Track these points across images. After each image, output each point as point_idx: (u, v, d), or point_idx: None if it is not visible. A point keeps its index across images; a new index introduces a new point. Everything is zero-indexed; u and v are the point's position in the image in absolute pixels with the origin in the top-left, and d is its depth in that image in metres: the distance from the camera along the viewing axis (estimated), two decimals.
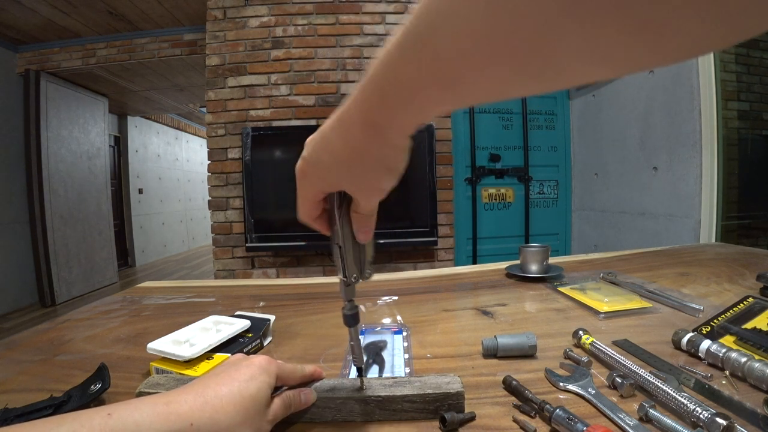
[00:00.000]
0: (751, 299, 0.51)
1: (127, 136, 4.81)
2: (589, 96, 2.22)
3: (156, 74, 3.30)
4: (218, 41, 2.20)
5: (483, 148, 2.34)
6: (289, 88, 2.20)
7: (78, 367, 0.44)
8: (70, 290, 3.34)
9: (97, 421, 0.22)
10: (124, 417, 0.22)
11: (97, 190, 3.77)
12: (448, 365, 0.42)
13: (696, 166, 1.54)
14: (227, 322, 0.49)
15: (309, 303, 0.66)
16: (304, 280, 0.84)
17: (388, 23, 2.24)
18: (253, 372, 0.28)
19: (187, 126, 6.36)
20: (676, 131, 1.63)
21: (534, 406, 0.32)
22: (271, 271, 2.24)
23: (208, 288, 0.79)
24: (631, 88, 1.87)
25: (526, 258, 0.74)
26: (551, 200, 2.43)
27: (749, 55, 1.63)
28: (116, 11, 2.60)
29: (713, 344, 0.38)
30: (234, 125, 2.19)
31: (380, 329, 0.52)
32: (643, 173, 1.83)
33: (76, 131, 3.46)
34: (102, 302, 0.71)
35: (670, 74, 1.63)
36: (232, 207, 2.20)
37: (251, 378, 0.28)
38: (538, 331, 0.47)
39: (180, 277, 4.40)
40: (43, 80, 3.06)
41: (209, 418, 0.24)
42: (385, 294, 0.69)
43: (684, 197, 1.61)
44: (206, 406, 0.25)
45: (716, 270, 0.75)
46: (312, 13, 2.21)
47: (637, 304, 0.56)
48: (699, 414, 0.28)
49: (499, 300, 0.63)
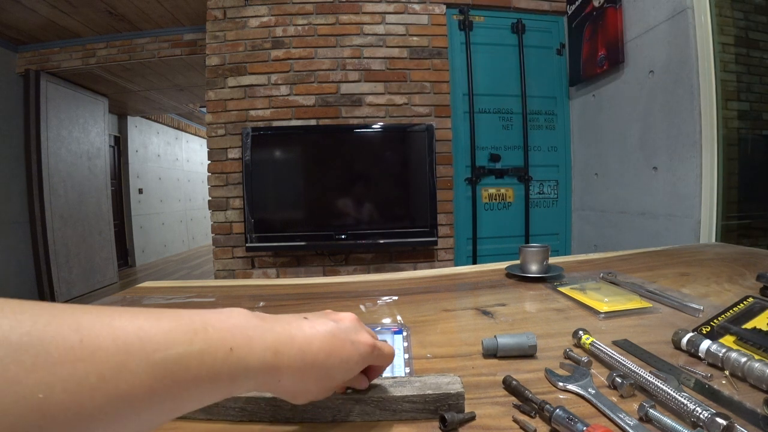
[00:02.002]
0: (751, 299, 0.51)
1: (127, 136, 4.81)
2: (589, 96, 2.22)
3: (156, 74, 3.30)
4: (218, 41, 2.20)
5: (483, 148, 2.34)
6: (289, 88, 2.20)
7: None
8: (70, 290, 3.34)
9: (221, 355, 0.21)
10: (245, 354, 0.22)
11: (97, 190, 3.77)
12: (448, 365, 0.42)
13: (696, 166, 1.54)
14: None
15: (309, 303, 0.66)
16: (304, 280, 0.84)
17: (388, 23, 2.24)
18: (361, 354, 0.28)
19: (187, 126, 6.36)
20: (676, 131, 1.63)
21: (534, 406, 0.32)
22: (271, 271, 2.24)
23: (208, 288, 0.79)
24: (631, 88, 1.87)
25: (526, 258, 0.74)
26: (551, 200, 2.43)
27: (749, 55, 1.63)
28: (116, 11, 2.60)
29: (713, 344, 0.38)
30: (234, 125, 2.19)
31: (380, 329, 0.52)
32: (643, 173, 1.83)
33: (76, 131, 3.46)
34: (102, 302, 0.71)
35: (670, 74, 1.64)
36: (232, 207, 2.20)
37: (347, 363, 0.27)
38: (538, 331, 0.47)
39: (180, 277, 4.40)
40: (43, 80, 3.06)
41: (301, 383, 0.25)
42: (385, 294, 0.69)
43: (684, 197, 1.61)
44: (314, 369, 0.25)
45: (716, 270, 0.75)
46: (312, 13, 2.21)
47: (637, 304, 0.56)
48: (699, 414, 0.28)
49: (499, 300, 0.63)
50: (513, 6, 2.34)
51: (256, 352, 0.22)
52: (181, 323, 0.20)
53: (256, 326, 0.23)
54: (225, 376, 0.21)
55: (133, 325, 0.19)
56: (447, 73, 2.27)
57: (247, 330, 0.23)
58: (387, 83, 2.23)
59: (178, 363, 0.19)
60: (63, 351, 0.16)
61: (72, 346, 0.16)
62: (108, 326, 0.18)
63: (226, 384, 0.21)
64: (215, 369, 0.20)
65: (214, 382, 0.21)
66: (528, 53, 2.35)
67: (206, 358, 0.20)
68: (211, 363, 0.20)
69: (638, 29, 1.80)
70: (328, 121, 2.21)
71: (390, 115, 2.24)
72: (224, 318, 0.23)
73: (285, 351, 0.24)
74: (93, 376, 0.16)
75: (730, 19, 1.60)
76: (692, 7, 1.53)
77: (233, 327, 0.22)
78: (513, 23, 2.34)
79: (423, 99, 2.25)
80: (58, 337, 0.16)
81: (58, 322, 0.17)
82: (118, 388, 0.17)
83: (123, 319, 0.19)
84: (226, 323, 0.22)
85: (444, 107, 2.27)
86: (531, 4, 2.35)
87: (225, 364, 0.21)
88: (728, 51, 1.58)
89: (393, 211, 2.19)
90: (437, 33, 2.26)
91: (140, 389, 0.18)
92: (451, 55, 2.30)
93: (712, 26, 1.52)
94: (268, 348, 0.23)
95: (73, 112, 3.43)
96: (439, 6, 2.27)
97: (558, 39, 2.40)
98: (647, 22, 1.74)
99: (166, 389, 0.19)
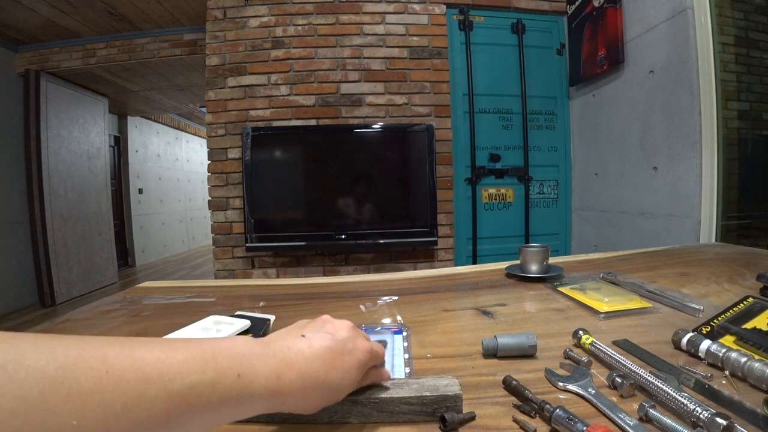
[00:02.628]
0: (751, 299, 0.51)
1: (127, 136, 4.81)
2: (589, 96, 2.22)
3: (156, 74, 3.30)
4: (218, 41, 2.20)
5: (483, 148, 2.33)
6: (289, 88, 2.20)
7: None
8: (70, 290, 3.34)
9: (229, 382, 0.22)
10: (251, 381, 0.24)
11: (97, 190, 3.77)
12: (448, 365, 0.42)
13: (696, 166, 1.54)
14: (227, 322, 0.49)
15: (309, 303, 0.66)
16: (304, 280, 0.84)
17: (388, 23, 2.24)
18: (353, 366, 0.29)
19: (187, 126, 6.36)
20: (676, 131, 1.63)
21: (534, 406, 0.32)
22: (271, 271, 2.24)
23: (208, 288, 0.79)
24: (631, 88, 1.87)
25: (526, 258, 0.74)
26: (551, 200, 2.43)
27: (749, 55, 1.63)
28: (116, 11, 2.60)
29: (713, 344, 0.38)
30: (234, 125, 2.19)
31: (380, 329, 0.52)
32: (643, 173, 1.83)
33: (76, 131, 3.46)
34: (102, 302, 0.71)
35: (670, 74, 1.63)
36: (232, 207, 2.20)
37: (349, 373, 0.28)
38: (538, 331, 0.47)
39: (180, 277, 4.40)
40: (43, 80, 3.06)
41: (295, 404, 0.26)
42: (385, 294, 0.69)
43: (684, 197, 1.61)
44: (308, 390, 0.26)
45: (716, 270, 0.75)
46: (312, 13, 2.21)
47: (637, 304, 0.56)
48: (699, 414, 0.28)
49: (499, 300, 0.63)
50: (513, 6, 2.34)
51: (260, 379, 0.24)
52: (194, 353, 0.22)
53: (259, 354, 0.25)
54: (233, 402, 0.23)
55: (151, 356, 0.20)
56: (447, 73, 2.27)
57: (252, 358, 0.24)
58: (387, 83, 2.23)
59: (192, 390, 0.21)
60: (93, 382, 0.18)
61: (100, 377, 0.18)
62: (129, 357, 0.20)
63: (233, 408, 0.23)
64: (225, 395, 0.22)
65: (222, 407, 0.22)
66: (528, 53, 2.35)
67: (217, 386, 0.22)
68: (221, 390, 0.22)
69: (638, 29, 1.80)
70: (328, 121, 2.21)
71: (390, 115, 2.24)
72: (230, 346, 0.24)
73: (286, 375, 0.25)
74: (118, 404, 0.18)
75: (730, 19, 1.60)
76: (692, 7, 1.53)
77: (239, 354, 0.24)
78: (513, 23, 2.34)
79: (423, 99, 2.25)
80: (87, 369, 0.18)
81: (87, 355, 0.19)
82: (139, 415, 0.19)
83: (142, 350, 0.21)
84: (232, 351, 0.24)
85: (444, 107, 2.27)
86: (531, 4, 2.35)
87: (233, 390, 0.23)
88: (728, 51, 1.58)
89: (393, 211, 2.19)
90: (437, 33, 2.26)
91: (158, 416, 0.19)
92: (451, 55, 2.30)
93: (712, 26, 1.52)
94: (270, 374, 0.25)
95: (73, 112, 3.43)
96: (439, 6, 2.27)
97: (558, 39, 2.40)
98: (647, 22, 1.74)
99: (180, 415, 0.20)
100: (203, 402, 0.21)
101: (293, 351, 0.27)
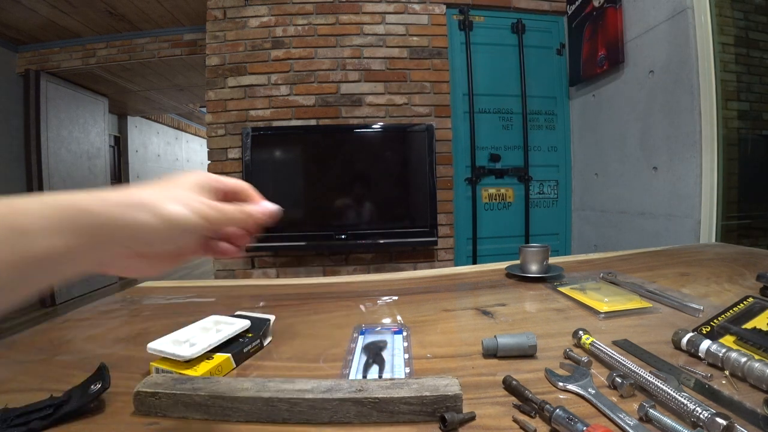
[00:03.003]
0: (751, 299, 0.51)
1: (127, 136, 4.81)
2: (589, 96, 2.22)
3: (156, 74, 3.30)
4: (218, 41, 2.20)
5: (483, 148, 2.33)
6: (289, 88, 2.20)
7: (78, 367, 0.43)
8: (69, 290, 3.34)
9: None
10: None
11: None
12: (448, 365, 0.42)
13: (696, 166, 1.54)
14: (227, 322, 0.49)
15: (309, 303, 0.66)
16: (304, 280, 0.84)
17: (388, 23, 2.24)
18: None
19: (187, 126, 6.35)
20: (676, 131, 1.62)
21: (534, 406, 0.32)
22: (271, 271, 2.24)
23: (208, 288, 0.79)
24: (631, 88, 1.87)
25: (526, 258, 0.74)
26: (551, 200, 2.43)
27: (749, 55, 1.63)
28: (116, 11, 2.60)
29: (713, 344, 0.38)
30: (234, 125, 2.19)
31: (380, 329, 0.52)
32: (643, 173, 1.83)
33: (76, 131, 3.46)
34: (102, 302, 0.71)
35: (670, 74, 1.63)
36: None
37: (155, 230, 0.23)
38: (538, 331, 0.47)
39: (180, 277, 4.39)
40: (43, 80, 3.06)
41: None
42: (385, 294, 0.69)
43: (684, 197, 1.61)
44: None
45: (716, 270, 0.75)
46: (312, 13, 2.21)
47: (637, 304, 0.56)
48: (699, 414, 0.28)
49: (499, 300, 0.63)
50: (513, 6, 2.34)
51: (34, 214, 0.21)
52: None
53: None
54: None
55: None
56: (447, 73, 2.27)
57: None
58: (387, 83, 2.23)
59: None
60: None
61: None
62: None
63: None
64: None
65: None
66: (528, 53, 2.35)
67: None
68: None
69: (638, 29, 1.80)
70: (328, 121, 2.21)
71: (390, 115, 2.24)
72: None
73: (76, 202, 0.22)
74: None
75: (730, 19, 1.60)
76: (692, 7, 1.53)
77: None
78: (513, 23, 2.34)
79: (423, 99, 2.25)
80: None
81: None
82: None
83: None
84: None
85: (444, 107, 2.27)
86: (531, 4, 2.35)
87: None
88: (728, 51, 1.58)
89: (393, 211, 2.19)
90: (437, 33, 2.26)
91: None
92: (451, 55, 2.30)
93: (712, 26, 1.52)
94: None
95: (73, 112, 3.43)
96: (439, 6, 2.27)
97: (558, 39, 2.40)
98: (647, 22, 1.74)
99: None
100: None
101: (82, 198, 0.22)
